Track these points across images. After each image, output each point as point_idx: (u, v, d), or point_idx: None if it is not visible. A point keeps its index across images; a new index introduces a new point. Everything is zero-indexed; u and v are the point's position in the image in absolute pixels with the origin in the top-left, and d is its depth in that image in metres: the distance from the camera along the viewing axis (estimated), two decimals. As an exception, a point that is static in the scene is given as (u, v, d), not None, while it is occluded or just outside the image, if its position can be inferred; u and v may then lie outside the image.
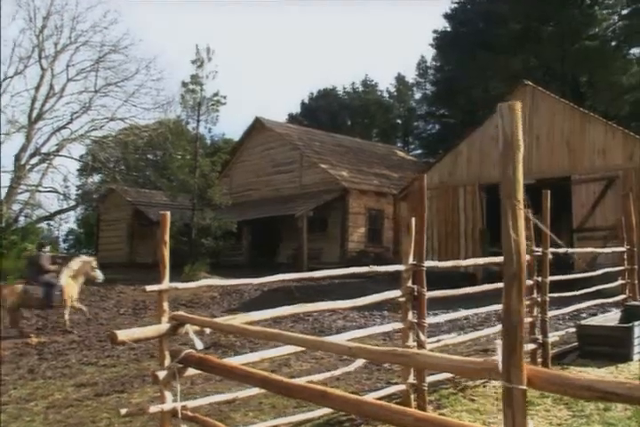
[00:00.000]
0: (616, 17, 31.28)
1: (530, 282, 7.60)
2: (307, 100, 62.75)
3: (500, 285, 6.82)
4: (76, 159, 26.80)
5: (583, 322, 8.71)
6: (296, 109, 62.09)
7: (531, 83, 19.52)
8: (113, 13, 32.79)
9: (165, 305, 4.27)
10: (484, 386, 6.72)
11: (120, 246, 29.44)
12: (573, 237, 18.27)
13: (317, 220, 26.18)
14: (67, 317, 12.76)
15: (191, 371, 4.37)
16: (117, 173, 24.75)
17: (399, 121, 60.86)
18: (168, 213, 4.34)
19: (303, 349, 4.84)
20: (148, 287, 4.24)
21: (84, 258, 13.67)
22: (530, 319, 7.56)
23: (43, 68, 25.74)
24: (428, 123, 58.50)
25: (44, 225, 35.97)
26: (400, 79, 62.21)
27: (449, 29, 39.75)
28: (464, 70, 37.12)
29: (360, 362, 5.86)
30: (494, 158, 19.63)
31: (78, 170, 33.24)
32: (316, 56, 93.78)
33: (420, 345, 5.72)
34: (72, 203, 28.96)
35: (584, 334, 8.06)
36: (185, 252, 22.20)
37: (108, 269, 26.77)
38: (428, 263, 6.10)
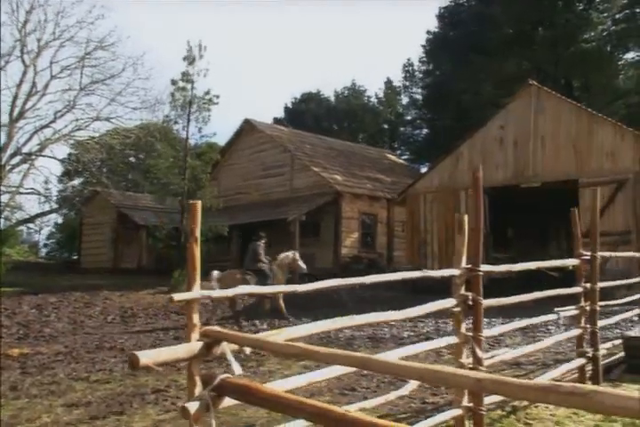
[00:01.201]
0: (610, 21, 30.86)
1: (579, 289, 6.86)
2: (290, 104, 61.94)
3: (551, 292, 6.00)
4: (59, 160, 25.70)
5: (631, 333, 7.95)
6: (281, 113, 61.26)
7: (535, 83, 18.92)
8: (99, 9, 31.72)
9: (196, 318, 3.41)
10: (536, 406, 5.94)
11: (103, 251, 28.34)
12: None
13: (309, 224, 25.34)
14: (282, 303, 13.68)
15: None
16: (103, 174, 23.67)
17: (386, 126, 60.21)
18: (199, 202, 3.50)
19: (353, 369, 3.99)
20: (176, 296, 3.36)
21: (290, 252, 14.92)
22: (579, 331, 6.81)
23: (25, 65, 24.70)
24: (416, 128, 58.01)
25: (24, 228, 34.76)
26: (389, 83, 61.69)
27: (440, 31, 39.22)
28: (455, 73, 36.57)
29: (415, 384, 5.02)
30: (497, 160, 19.01)
31: (60, 176, 32.08)
32: (304, 59, 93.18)
33: (478, 362, 4.91)
34: (54, 205, 27.76)
35: (632, 346, 7.32)
36: (174, 256, 21.28)
37: (91, 274, 25.87)
38: (480, 268, 5.29)
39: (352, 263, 25.87)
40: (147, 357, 2.93)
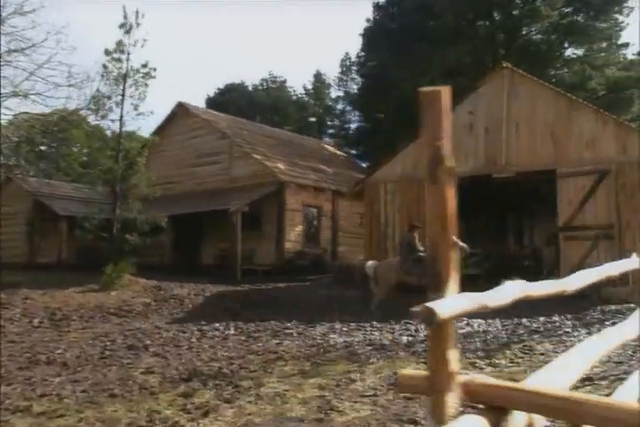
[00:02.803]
0: (557, 14, 30.31)
1: None
2: (212, 95, 59.36)
3: None
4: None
5: None
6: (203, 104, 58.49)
7: (509, 65, 17.68)
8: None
9: (455, 358, 1.51)
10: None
11: (17, 244, 25.17)
12: (559, 237, 16.52)
13: (249, 217, 23.25)
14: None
15: None
16: (21, 156, 20.72)
17: (313, 119, 58.76)
18: (448, 88, 1.61)
19: None
20: (441, 309, 1.44)
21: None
22: None
23: None
24: (345, 122, 56.84)
25: None
26: (318, 76, 60.25)
27: (379, 20, 37.86)
28: (395, 63, 35.25)
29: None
30: (467, 148, 17.66)
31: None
32: (229, 53, 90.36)
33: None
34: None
35: None
36: (105, 249, 18.80)
37: (3, 270, 22.81)
38: None
39: (296, 259, 24.12)
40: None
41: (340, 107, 58.23)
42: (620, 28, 32.27)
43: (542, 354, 8.05)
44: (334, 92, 57.87)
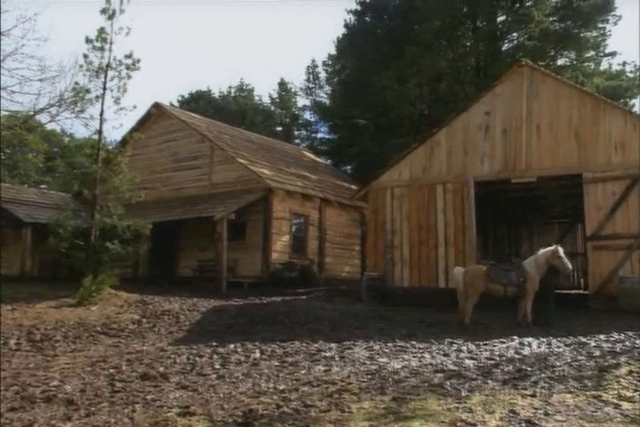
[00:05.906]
0: (549, 19, 29.60)
1: None
2: (177, 104, 57.55)
3: None
4: None
5: None
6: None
7: (530, 62, 16.53)
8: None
9: None
10: None
11: (-25, 254, 22.92)
12: (587, 247, 15.32)
13: (233, 225, 21.56)
14: (528, 309, 11.68)
15: None
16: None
17: (280, 128, 57.42)
18: None
19: None
20: None
21: (552, 246, 12.15)
22: None
23: None
24: (312, 131, 55.62)
25: None
26: (283, 85, 59.03)
27: (360, 25, 36.69)
28: (376, 69, 34.00)
29: None
30: (482, 151, 16.43)
31: None
32: (194, 59, 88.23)
33: None
34: None
35: None
36: (77, 259, 16.84)
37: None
38: None
39: (284, 271, 22.44)
40: None
41: (307, 116, 57.24)
42: (605, 38, 31.82)
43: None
44: (301, 101, 56.79)
